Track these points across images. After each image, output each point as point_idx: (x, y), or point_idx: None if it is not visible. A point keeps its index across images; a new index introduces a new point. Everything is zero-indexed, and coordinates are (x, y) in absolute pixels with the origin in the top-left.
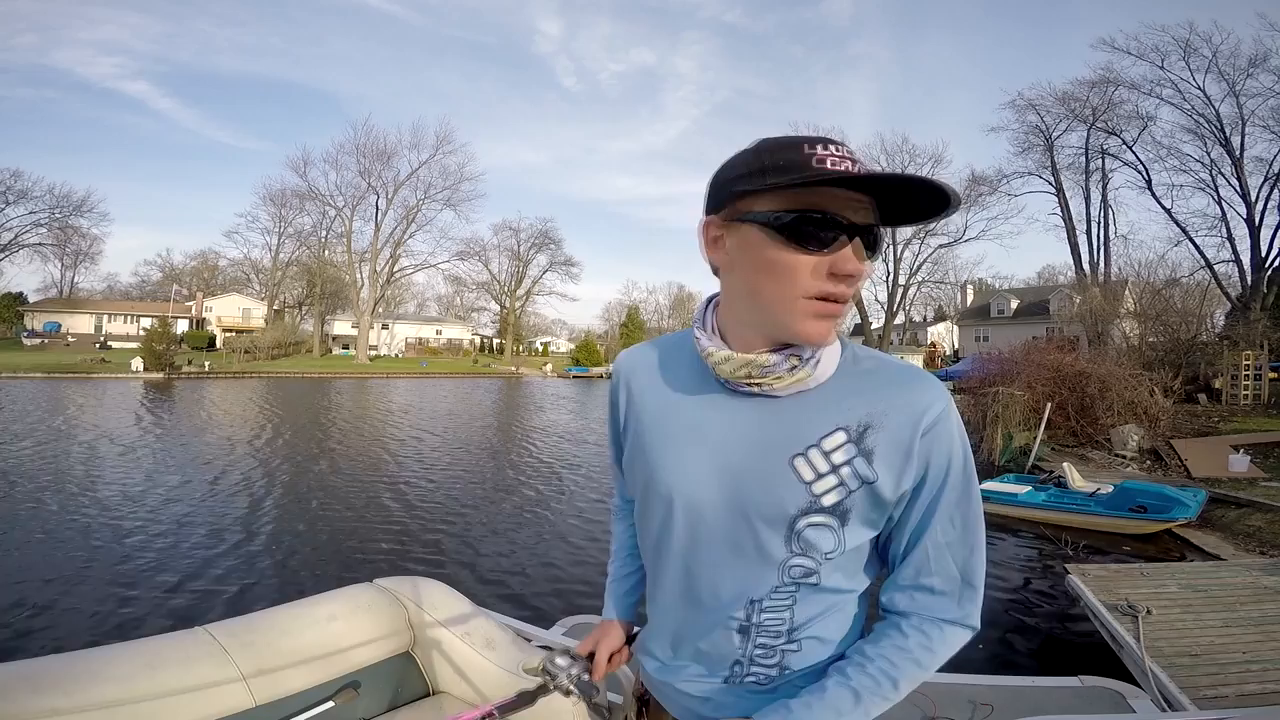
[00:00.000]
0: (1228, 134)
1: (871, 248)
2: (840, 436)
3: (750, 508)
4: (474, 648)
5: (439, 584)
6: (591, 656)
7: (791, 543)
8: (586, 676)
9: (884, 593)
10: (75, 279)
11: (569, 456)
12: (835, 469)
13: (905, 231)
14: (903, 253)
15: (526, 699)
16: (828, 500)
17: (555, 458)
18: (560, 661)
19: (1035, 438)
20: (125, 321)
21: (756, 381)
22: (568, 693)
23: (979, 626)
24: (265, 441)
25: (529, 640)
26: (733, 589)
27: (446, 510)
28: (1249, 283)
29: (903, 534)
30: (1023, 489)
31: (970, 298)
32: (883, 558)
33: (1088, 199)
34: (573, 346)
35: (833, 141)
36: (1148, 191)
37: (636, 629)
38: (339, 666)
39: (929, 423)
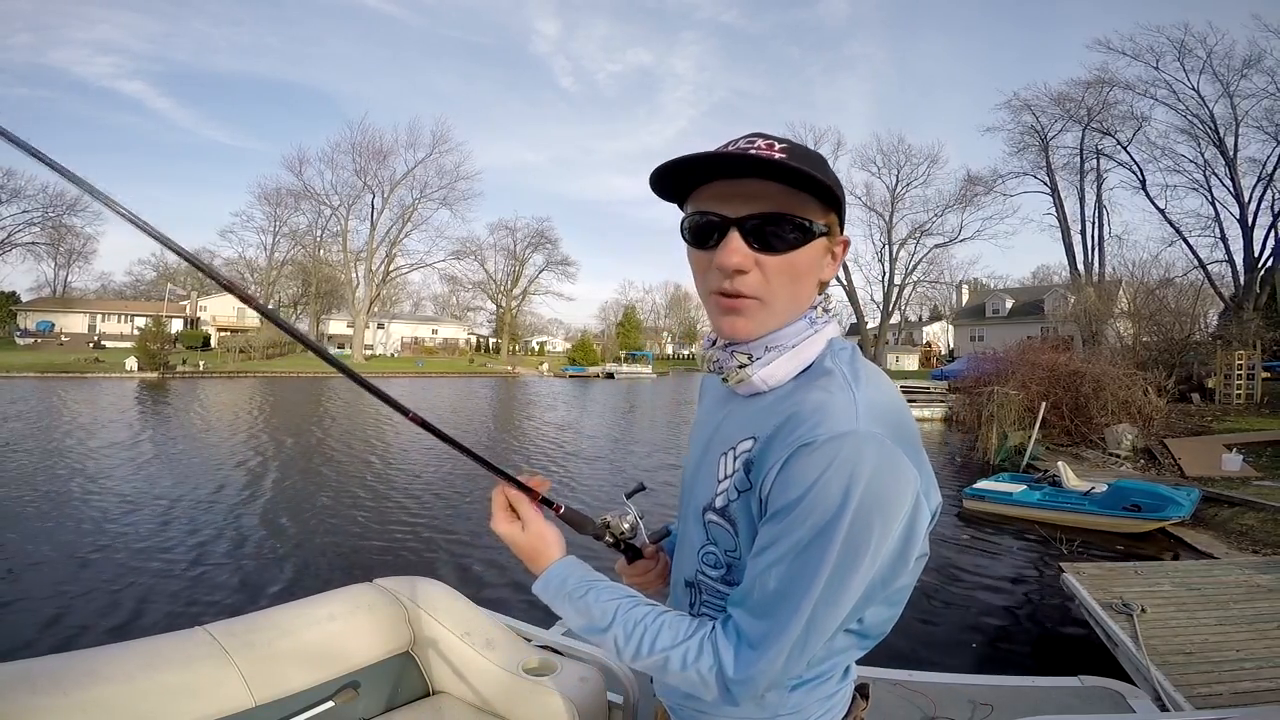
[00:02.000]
0: (1221, 135)
1: (757, 237)
2: (748, 444)
3: (695, 488)
4: (474, 648)
5: (439, 584)
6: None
7: (705, 531)
8: (634, 543)
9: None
10: (69, 278)
11: (570, 454)
12: (732, 474)
13: (901, 231)
14: (898, 252)
15: (582, 522)
16: (719, 501)
17: (556, 455)
18: (631, 520)
19: (1030, 437)
20: (119, 321)
21: (724, 377)
22: (616, 539)
23: (739, 703)
24: (263, 441)
25: (529, 640)
26: (681, 563)
27: (447, 510)
28: (1242, 283)
29: None
30: (1018, 488)
31: (965, 297)
32: None
33: (1082, 199)
34: (569, 346)
35: (760, 135)
36: (1142, 192)
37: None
38: (339, 666)
39: (796, 445)
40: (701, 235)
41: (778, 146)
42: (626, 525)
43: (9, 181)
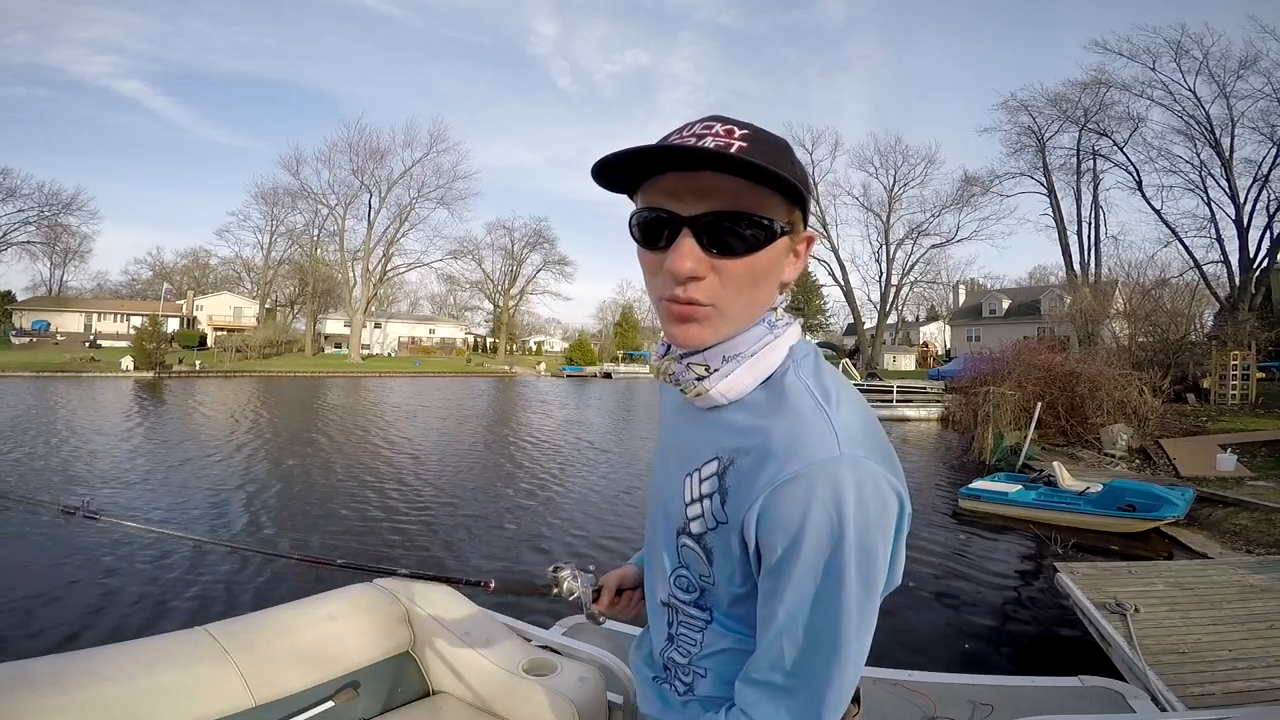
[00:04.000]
0: (1218, 135)
1: (712, 238)
2: (713, 466)
3: (662, 505)
4: (473, 647)
5: (439, 584)
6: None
7: (677, 554)
8: (591, 593)
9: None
10: (64, 277)
11: (569, 455)
12: (701, 499)
13: (898, 231)
14: (895, 253)
15: (528, 589)
16: (695, 528)
17: (555, 456)
18: (570, 570)
19: (1026, 437)
20: (115, 320)
21: (682, 389)
22: (569, 595)
23: None
24: (260, 441)
25: (528, 640)
26: (653, 577)
27: (446, 509)
28: (1237, 283)
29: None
30: (1013, 488)
31: (962, 298)
32: None
33: (1079, 200)
34: (567, 346)
35: (718, 119)
36: (1138, 192)
37: None
38: (339, 666)
39: (776, 482)
40: (651, 234)
41: (738, 134)
42: (570, 588)
43: (4, 181)
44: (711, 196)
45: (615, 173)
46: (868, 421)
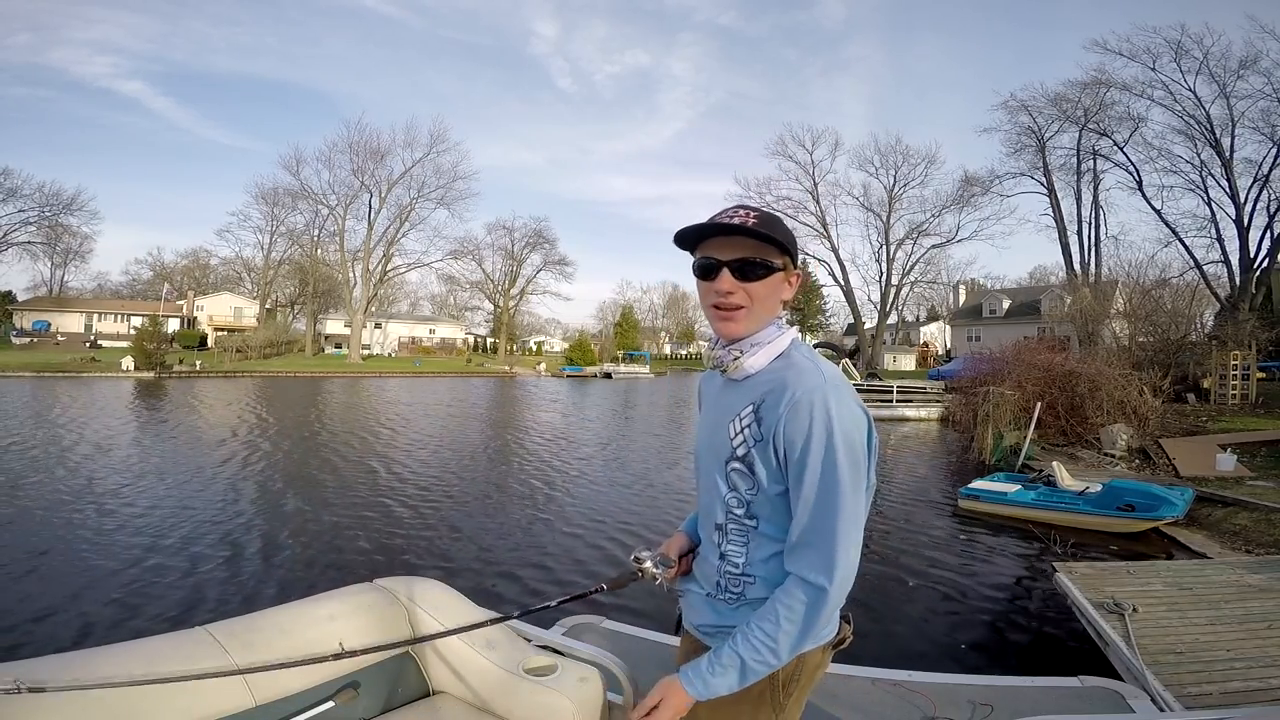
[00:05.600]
0: (1218, 135)
1: (739, 271)
2: (750, 408)
3: (712, 453)
4: (474, 648)
5: (439, 584)
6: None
7: (726, 480)
8: (669, 570)
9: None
10: (65, 278)
11: (569, 455)
12: (743, 429)
13: (898, 231)
14: (895, 253)
15: (625, 580)
16: (740, 451)
17: (555, 456)
18: (646, 554)
19: (1025, 437)
20: (115, 320)
21: (722, 368)
22: (654, 579)
23: (826, 586)
24: (261, 441)
25: (529, 640)
26: (707, 512)
27: (447, 510)
28: (1238, 283)
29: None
30: (1012, 488)
31: (962, 298)
32: None
33: (1079, 200)
34: (566, 346)
35: (742, 207)
36: (1138, 192)
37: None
38: (339, 666)
39: (790, 401)
40: (704, 271)
41: (752, 215)
42: (652, 574)
43: (5, 181)
44: (738, 249)
45: (686, 239)
46: (841, 377)
